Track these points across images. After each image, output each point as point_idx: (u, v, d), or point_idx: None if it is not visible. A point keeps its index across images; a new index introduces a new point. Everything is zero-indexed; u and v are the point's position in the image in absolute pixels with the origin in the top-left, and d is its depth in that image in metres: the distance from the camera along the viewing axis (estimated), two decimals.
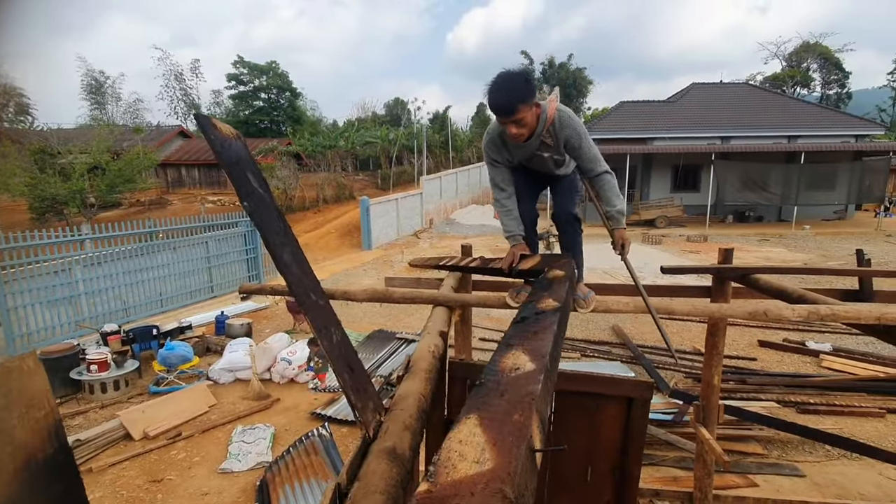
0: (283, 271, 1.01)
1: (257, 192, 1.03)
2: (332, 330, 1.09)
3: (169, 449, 4.34)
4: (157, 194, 23.67)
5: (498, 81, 1.76)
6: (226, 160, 1.00)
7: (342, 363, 1.08)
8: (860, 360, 5.75)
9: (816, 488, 3.55)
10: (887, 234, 16.02)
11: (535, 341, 0.96)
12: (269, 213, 1.05)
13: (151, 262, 8.30)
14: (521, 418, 0.67)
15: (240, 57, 35.32)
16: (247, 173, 1.04)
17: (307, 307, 1.02)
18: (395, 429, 1.05)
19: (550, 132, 1.92)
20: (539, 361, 0.84)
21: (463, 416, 0.72)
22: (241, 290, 2.23)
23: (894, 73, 40.67)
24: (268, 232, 1.02)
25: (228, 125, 1.10)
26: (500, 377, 0.83)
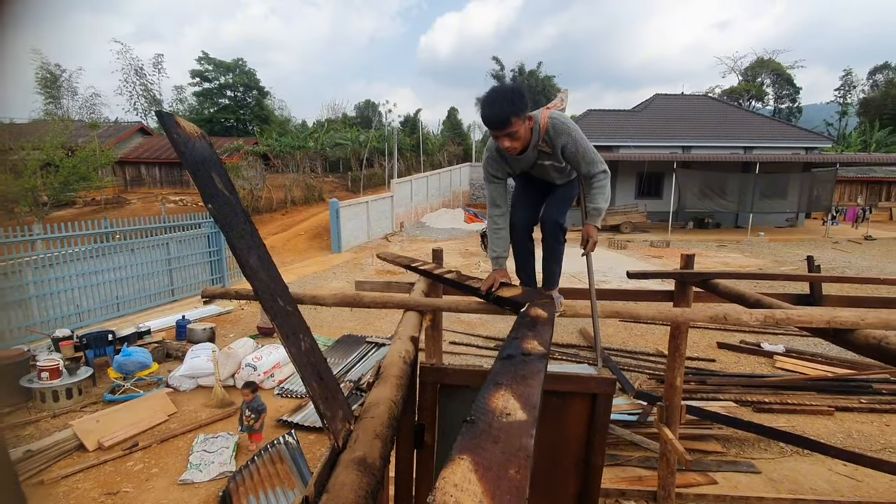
0: (250, 276, 0.98)
1: (222, 194, 1.00)
2: (300, 337, 1.06)
3: (125, 460, 4.14)
4: (114, 193, 22.64)
5: (491, 95, 1.77)
6: (189, 160, 0.96)
7: (311, 371, 1.05)
8: (811, 361, 6.07)
9: (771, 484, 3.71)
10: (834, 240, 17.00)
11: (525, 387, 0.97)
12: (236, 215, 1.01)
13: (107, 263, 7.91)
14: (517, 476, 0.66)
15: (204, 53, 34.35)
16: (212, 174, 1.00)
17: (274, 313, 0.99)
18: (366, 437, 1.03)
19: (547, 141, 1.95)
20: (530, 413, 0.85)
21: (456, 455, 0.71)
22: (204, 294, 2.15)
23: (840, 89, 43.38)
24: (233, 235, 0.98)
25: (193, 124, 1.06)
26: (492, 419, 0.83)
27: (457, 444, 0.75)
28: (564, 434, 1.93)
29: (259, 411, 4.30)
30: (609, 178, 2.06)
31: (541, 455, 1.92)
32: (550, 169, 2.03)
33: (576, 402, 1.91)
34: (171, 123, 0.98)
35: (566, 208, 2.16)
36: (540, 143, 1.92)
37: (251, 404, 4.31)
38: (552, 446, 1.94)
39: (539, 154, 1.97)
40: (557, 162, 1.99)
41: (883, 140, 32.19)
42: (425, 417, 1.89)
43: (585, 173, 2.02)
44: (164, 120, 0.97)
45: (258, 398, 4.36)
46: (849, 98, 42.84)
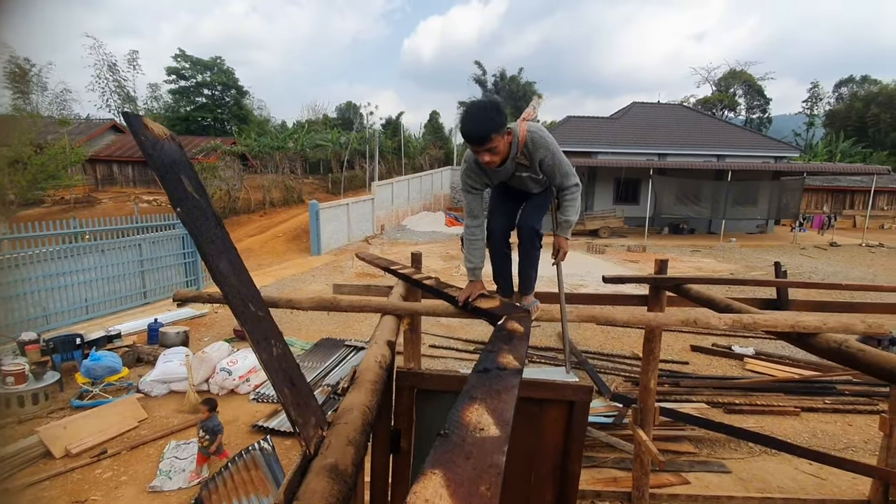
0: (219, 281, 0.96)
1: (192, 198, 0.98)
2: (272, 342, 1.04)
3: (93, 468, 4.01)
4: (84, 192, 21.94)
5: (471, 112, 1.82)
6: (157, 163, 0.94)
7: (283, 377, 1.04)
8: (778, 363, 6.26)
9: (741, 483, 3.82)
10: (802, 247, 17.60)
11: (499, 402, 0.98)
12: (206, 219, 1.00)
13: (76, 265, 7.65)
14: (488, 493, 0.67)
15: (181, 50, 33.61)
16: (181, 177, 0.98)
17: (245, 318, 0.97)
18: (338, 444, 1.03)
19: (525, 153, 1.98)
20: (503, 429, 0.86)
21: (428, 470, 0.71)
22: (176, 297, 2.10)
23: (808, 101, 45.05)
24: (203, 240, 0.96)
25: (161, 125, 1.04)
26: (465, 434, 0.83)
27: (429, 458, 0.75)
28: (541, 442, 1.95)
29: (215, 432, 3.88)
30: (580, 190, 2.13)
31: (517, 463, 1.93)
32: (528, 180, 2.07)
33: (553, 409, 1.93)
34: (139, 125, 0.96)
35: (542, 215, 2.21)
36: (518, 155, 1.96)
37: (207, 423, 3.86)
38: (529, 454, 1.95)
39: (517, 166, 2.00)
40: (535, 174, 2.03)
41: (847, 150, 33.54)
42: (401, 423, 1.88)
43: (559, 185, 2.08)
44: (131, 122, 0.95)
45: (216, 417, 3.96)
46: (816, 110, 44.54)
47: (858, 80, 43.14)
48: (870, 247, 17.74)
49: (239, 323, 0.98)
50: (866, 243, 18.17)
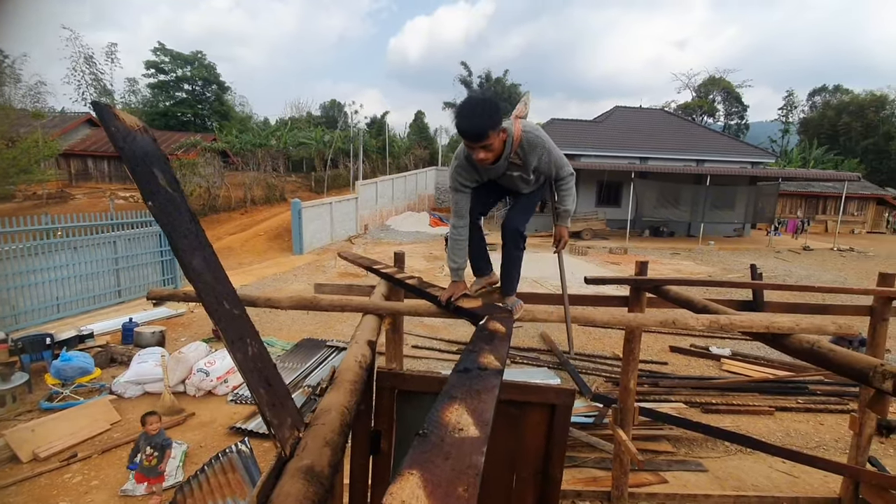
0: (193, 279, 0.93)
1: (165, 192, 0.95)
2: (247, 341, 1.02)
3: (63, 472, 3.87)
4: (57, 187, 21.27)
5: (468, 107, 1.78)
6: (129, 155, 0.91)
7: (258, 378, 1.02)
8: (754, 364, 6.41)
9: (717, 482, 3.89)
10: (777, 250, 18.08)
11: (479, 402, 0.96)
12: (179, 214, 0.97)
13: (47, 262, 7.41)
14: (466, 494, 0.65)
15: (160, 44, 32.89)
16: (153, 170, 0.95)
17: (219, 317, 0.94)
18: (315, 445, 1.00)
19: (518, 154, 1.97)
20: (483, 429, 0.85)
21: (405, 470, 0.70)
22: (150, 295, 2.04)
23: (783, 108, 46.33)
24: (176, 236, 0.93)
25: (133, 116, 1.00)
26: (444, 434, 0.82)
27: (407, 458, 0.74)
28: (523, 445, 1.94)
29: (164, 447, 3.54)
30: (574, 179, 2.17)
31: (499, 467, 1.92)
32: (518, 180, 2.06)
33: (535, 412, 1.93)
34: (109, 116, 0.93)
35: (528, 217, 2.21)
36: (511, 154, 1.94)
37: (154, 438, 3.49)
38: (510, 458, 1.95)
39: (509, 165, 1.99)
40: (525, 174, 2.03)
41: (820, 157, 34.59)
42: (382, 423, 1.86)
43: (556, 177, 2.11)
44: (101, 112, 0.92)
45: (163, 432, 3.61)
46: (791, 117, 45.86)
47: (831, 90, 44.59)
48: (841, 251, 18.31)
49: (213, 321, 0.95)
50: (838, 247, 18.75)
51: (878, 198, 27.07)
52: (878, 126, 38.33)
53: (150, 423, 3.50)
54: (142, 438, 3.54)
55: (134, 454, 3.54)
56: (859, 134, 38.85)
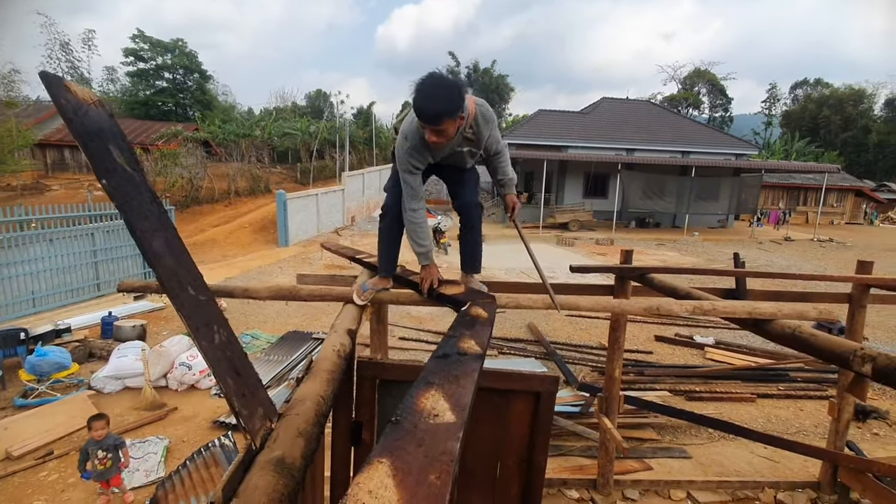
0: (153, 262, 0.88)
1: (122, 170, 0.89)
2: (214, 328, 0.97)
3: (38, 470, 3.77)
4: (33, 178, 20.66)
5: (429, 87, 1.67)
6: (80, 130, 0.85)
7: (226, 366, 0.97)
8: (737, 352, 6.50)
9: (700, 468, 3.93)
10: (759, 241, 18.38)
11: (457, 387, 0.92)
12: (138, 193, 0.91)
13: (21, 255, 7.18)
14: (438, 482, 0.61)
15: (139, 31, 31.99)
16: (108, 146, 0.89)
17: (182, 302, 0.89)
18: (287, 436, 0.96)
19: (473, 128, 1.92)
20: (459, 414, 0.81)
21: (374, 458, 0.65)
22: (121, 287, 1.96)
23: (767, 101, 46.96)
24: (134, 216, 0.88)
25: (88, 90, 0.93)
26: (418, 420, 0.78)
27: (377, 447, 0.70)
28: (507, 433, 1.92)
29: (117, 447, 3.34)
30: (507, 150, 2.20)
31: (483, 456, 1.90)
32: (467, 155, 2.03)
33: (519, 400, 1.91)
34: (59, 87, 0.86)
35: (478, 188, 2.24)
36: (466, 129, 1.89)
37: (103, 442, 3.27)
38: (495, 446, 1.93)
39: (462, 140, 1.94)
40: (476, 148, 2.01)
41: (802, 150, 35.19)
42: (363, 414, 1.83)
43: (494, 152, 2.10)
44: (49, 82, 0.85)
45: (112, 434, 3.40)
46: (773, 110, 46.51)
47: (812, 83, 45.28)
48: (821, 241, 18.69)
49: (175, 307, 0.90)
50: (818, 238, 19.13)
51: (856, 189, 27.67)
52: (857, 119, 39.10)
53: (96, 429, 3.24)
54: (90, 444, 3.27)
55: (83, 462, 3.25)
56: (839, 127, 39.61)
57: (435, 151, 1.93)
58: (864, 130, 38.53)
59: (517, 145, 21.36)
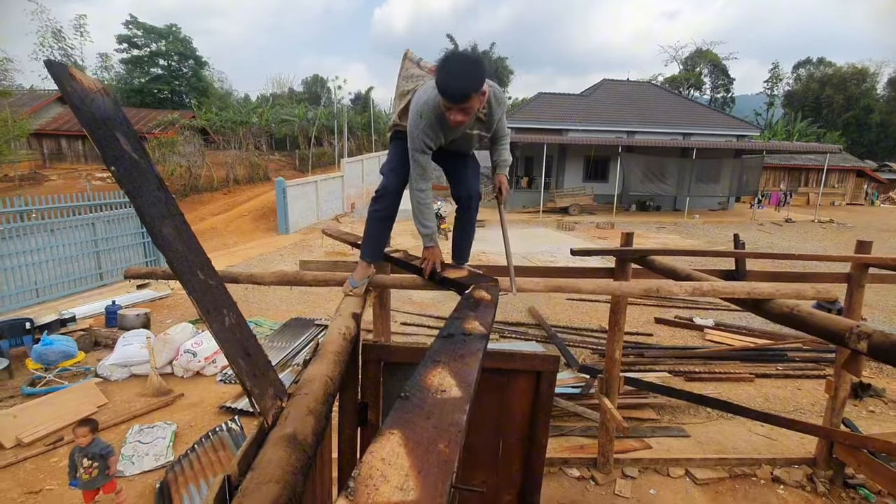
0: (163, 246, 0.90)
1: (129, 157, 0.90)
2: (224, 312, 0.99)
3: (48, 456, 3.84)
4: (30, 168, 20.59)
5: (457, 64, 1.66)
6: (87, 118, 0.86)
7: (237, 348, 0.99)
8: (736, 333, 6.56)
9: (699, 446, 4.01)
10: (760, 223, 18.36)
11: (462, 365, 0.95)
12: (145, 180, 0.92)
13: (23, 245, 7.20)
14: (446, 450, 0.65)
15: (132, 17, 31.56)
16: (115, 134, 0.90)
17: (192, 287, 0.91)
18: (298, 414, 0.99)
19: (486, 109, 1.92)
20: (465, 390, 0.84)
21: (386, 430, 0.69)
22: (127, 274, 1.98)
23: (769, 81, 46.41)
24: (143, 202, 0.89)
25: (93, 77, 0.94)
26: (426, 395, 0.81)
27: (388, 419, 0.73)
28: (509, 411, 1.97)
29: (104, 456, 3.07)
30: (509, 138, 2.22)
31: (486, 433, 1.95)
32: (476, 137, 2.01)
33: (520, 379, 1.95)
34: (65, 76, 0.87)
35: (479, 177, 2.26)
36: (480, 110, 1.89)
37: (88, 449, 3.02)
38: (497, 424, 1.97)
39: (476, 122, 1.93)
40: (486, 131, 2.00)
41: (804, 130, 34.88)
42: (369, 395, 1.87)
43: (502, 135, 2.12)
44: (55, 71, 0.86)
45: (99, 440, 3.14)
46: (776, 90, 45.99)
47: (815, 62, 44.67)
48: (822, 223, 18.67)
49: (186, 291, 0.92)
50: (818, 219, 19.11)
51: (857, 170, 27.52)
52: (859, 99, 38.70)
53: (79, 435, 3.00)
54: (75, 452, 3.07)
55: (72, 471, 3.07)
56: (841, 107, 39.21)
57: (448, 132, 1.90)
58: (866, 110, 38.18)
59: (517, 129, 21.20)
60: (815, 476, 3.45)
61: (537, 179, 20.40)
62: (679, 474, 3.59)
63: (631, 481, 3.52)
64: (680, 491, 3.45)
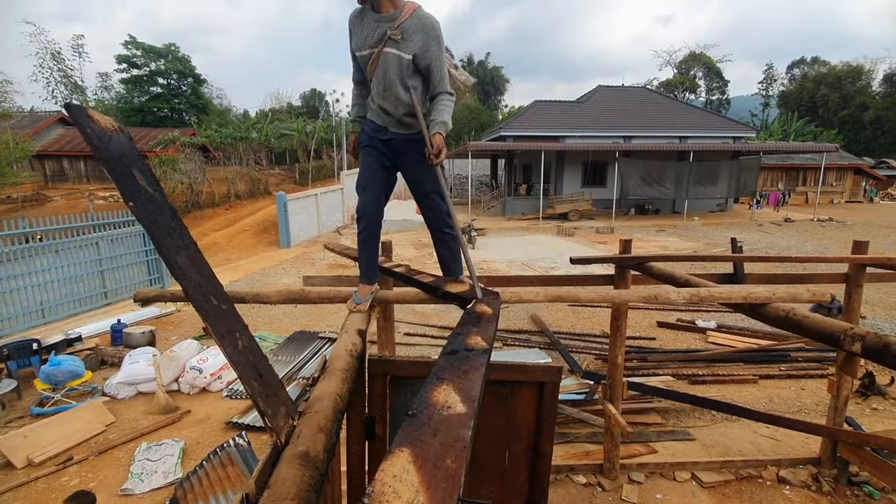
0: (179, 276, 0.95)
1: (145, 191, 0.95)
2: (236, 335, 1.04)
3: (59, 475, 3.87)
4: (33, 189, 20.75)
5: None
6: (106, 156, 0.92)
7: (250, 370, 1.04)
8: (738, 335, 6.58)
9: (704, 449, 4.02)
10: (759, 223, 18.39)
11: (466, 381, 1.00)
12: (161, 213, 0.98)
13: (28, 267, 7.27)
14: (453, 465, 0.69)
15: (132, 37, 31.94)
16: (132, 170, 0.95)
17: (207, 313, 0.96)
18: (309, 432, 1.04)
19: (402, 29, 1.85)
20: (470, 405, 0.89)
21: (396, 448, 0.73)
22: (137, 296, 2.03)
23: (763, 82, 46.69)
24: (159, 234, 0.94)
25: (108, 117, 1.00)
26: (433, 412, 0.86)
27: (397, 438, 0.78)
28: (514, 422, 2.00)
29: None
30: (453, 102, 2.01)
31: (491, 444, 1.98)
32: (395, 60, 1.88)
33: (524, 390, 1.98)
34: (83, 117, 0.93)
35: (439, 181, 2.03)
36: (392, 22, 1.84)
37: None
38: (502, 435, 2.01)
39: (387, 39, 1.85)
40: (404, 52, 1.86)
41: (800, 129, 35.04)
42: (376, 409, 1.90)
43: (433, 90, 1.98)
44: (74, 113, 0.92)
45: None
46: (771, 90, 46.27)
47: (809, 62, 44.98)
48: (821, 221, 18.70)
49: (201, 318, 0.97)
50: (818, 218, 19.14)
51: (855, 167, 27.60)
52: (854, 96, 38.89)
53: None
54: None
55: None
56: (836, 105, 39.41)
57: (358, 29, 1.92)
58: (861, 108, 38.36)
59: (514, 137, 21.35)
60: (820, 475, 3.46)
61: (536, 186, 20.50)
62: (685, 478, 3.60)
63: (637, 486, 3.53)
64: (686, 495, 3.45)
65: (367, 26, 1.90)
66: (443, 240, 2.20)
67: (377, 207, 2.13)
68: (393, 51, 1.88)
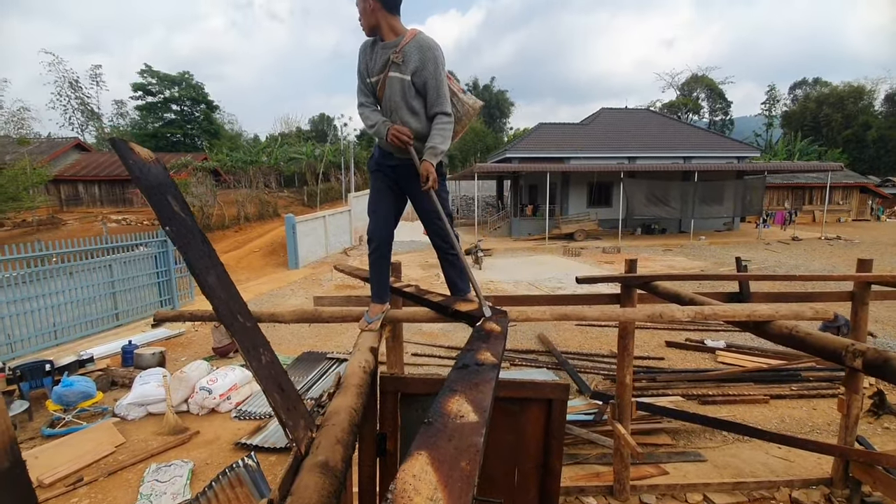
0: (209, 295, 1.02)
1: (179, 217, 1.04)
2: (261, 351, 1.10)
3: (69, 497, 3.89)
4: (48, 213, 21.19)
5: None
6: (145, 185, 1.00)
7: (272, 383, 1.10)
8: (748, 354, 6.52)
9: (716, 470, 3.97)
10: (766, 242, 18.33)
11: (477, 393, 1.06)
12: (193, 237, 1.06)
13: (42, 289, 7.41)
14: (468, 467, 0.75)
15: (147, 66, 33.03)
16: (168, 198, 1.04)
17: (235, 330, 1.03)
18: (327, 443, 1.09)
19: (403, 53, 1.95)
20: (481, 415, 0.95)
21: (415, 451, 0.79)
22: (157, 317, 2.11)
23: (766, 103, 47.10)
24: (192, 256, 1.02)
25: (146, 149, 1.09)
26: (447, 421, 0.92)
27: (415, 442, 0.84)
28: (523, 439, 2.03)
29: None
30: (452, 123, 2.04)
31: (501, 461, 2.01)
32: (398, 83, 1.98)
33: (533, 407, 2.02)
34: (126, 150, 1.02)
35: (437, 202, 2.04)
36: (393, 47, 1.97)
37: None
38: (511, 452, 2.03)
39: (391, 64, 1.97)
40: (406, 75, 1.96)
41: (804, 149, 35.15)
42: (387, 426, 1.94)
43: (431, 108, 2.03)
44: (118, 147, 1.01)
45: None
46: (774, 111, 46.63)
47: (811, 83, 45.40)
48: (828, 240, 18.60)
49: (229, 334, 1.04)
50: (825, 236, 19.04)
51: (861, 186, 27.54)
52: (857, 116, 39.08)
53: None
54: None
55: None
56: (840, 125, 39.59)
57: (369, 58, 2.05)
58: (864, 127, 38.50)
59: (520, 159, 21.61)
60: (833, 496, 3.41)
61: (542, 207, 20.63)
62: (697, 500, 3.56)
63: None
64: None
65: (376, 54, 2.04)
66: (449, 260, 2.27)
67: (387, 229, 2.22)
68: (396, 74, 1.99)
